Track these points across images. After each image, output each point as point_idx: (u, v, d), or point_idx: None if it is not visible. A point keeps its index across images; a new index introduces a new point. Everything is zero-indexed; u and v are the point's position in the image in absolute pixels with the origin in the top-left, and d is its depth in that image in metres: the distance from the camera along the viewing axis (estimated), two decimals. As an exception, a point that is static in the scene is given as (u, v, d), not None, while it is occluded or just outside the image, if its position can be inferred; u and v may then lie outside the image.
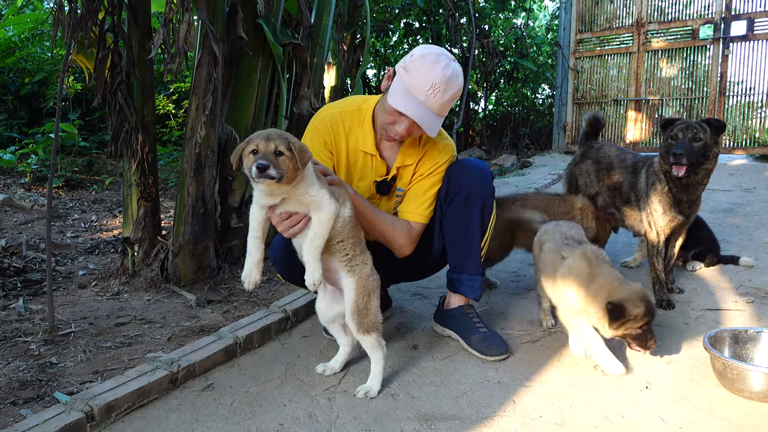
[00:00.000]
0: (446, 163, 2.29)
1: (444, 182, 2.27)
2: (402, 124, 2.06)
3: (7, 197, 5.09)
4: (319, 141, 2.22)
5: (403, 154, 2.27)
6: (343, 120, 2.24)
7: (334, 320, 2.09)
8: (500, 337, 2.31)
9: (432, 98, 2.00)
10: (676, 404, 1.87)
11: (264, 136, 1.76)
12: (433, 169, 2.27)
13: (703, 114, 8.66)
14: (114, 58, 3.12)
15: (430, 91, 1.99)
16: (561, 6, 9.68)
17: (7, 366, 2.20)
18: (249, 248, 1.91)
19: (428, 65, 2.00)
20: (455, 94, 2.06)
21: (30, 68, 7.74)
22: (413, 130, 2.09)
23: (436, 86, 1.99)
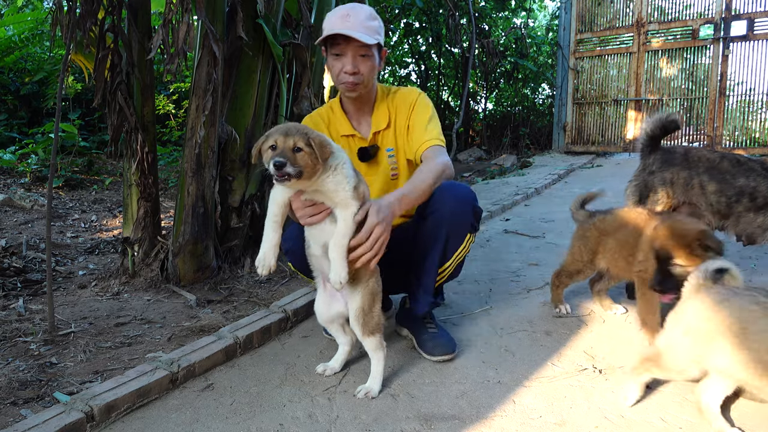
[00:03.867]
0: (418, 99, 2.35)
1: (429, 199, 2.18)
2: (346, 62, 2.16)
3: (7, 197, 5.09)
4: None
5: (375, 120, 2.36)
6: (320, 116, 2.40)
7: (333, 320, 2.09)
8: (448, 337, 2.30)
9: (349, 23, 2.12)
10: (676, 404, 1.87)
11: (283, 131, 1.74)
12: (409, 110, 2.34)
13: (703, 114, 8.66)
14: (114, 58, 3.12)
15: (343, 19, 2.13)
16: (561, 6, 9.68)
17: (7, 366, 2.20)
18: (266, 231, 1.86)
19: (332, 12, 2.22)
20: (369, 15, 2.17)
21: (30, 68, 7.75)
22: (358, 62, 2.17)
23: (345, 14, 2.14)
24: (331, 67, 2.23)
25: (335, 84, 2.27)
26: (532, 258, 3.73)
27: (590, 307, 2.79)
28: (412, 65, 12.45)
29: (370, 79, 2.25)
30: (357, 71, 2.18)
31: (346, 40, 2.13)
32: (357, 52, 2.16)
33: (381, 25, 2.24)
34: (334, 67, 2.21)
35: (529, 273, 3.41)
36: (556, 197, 6.08)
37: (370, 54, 2.19)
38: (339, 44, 2.16)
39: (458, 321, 2.65)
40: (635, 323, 2.57)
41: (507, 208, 5.45)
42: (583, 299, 2.90)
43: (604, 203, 2.94)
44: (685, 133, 9.04)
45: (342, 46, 2.15)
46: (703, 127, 8.67)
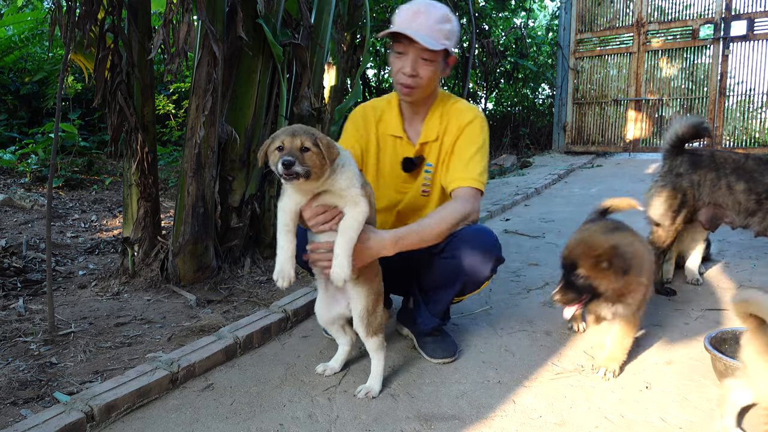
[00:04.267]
0: (472, 124, 2.19)
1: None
2: (406, 63, 2.05)
3: (7, 197, 5.09)
4: (353, 133, 2.28)
5: (426, 130, 2.23)
6: (374, 108, 2.30)
7: (334, 322, 2.09)
8: (450, 339, 2.30)
9: (416, 22, 2.01)
10: (676, 404, 1.87)
11: (289, 132, 1.72)
12: (459, 132, 2.19)
13: (703, 114, 8.66)
14: (114, 58, 3.12)
15: (412, 17, 2.03)
16: (561, 6, 9.68)
17: (7, 366, 2.20)
18: (280, 242, 1.83)
19: (406, 5, 2.11)
20: (441, 17, 2.05)
21: (30, 68, 7.74)
22: (418, 65, 2.05)
23: (417, 11, 2.03)
24: (391, 63, 2.14)
25: (394, 84, 2.17)
26: (532, 258, 3.73)
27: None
28: (412, 65, 12.42)
29: (429, 86, 2.13)
30: (415, 74, 2.07)
31: (409, 40, 2.01)
32: (419, 55, 2.04)
33: (454, 28, 2.10)
34: (394, 65, 2.11)
35: (529, 273, 3.41)
36: (556, 197, 6.08)
37: (432, 59, 2.06)
38: (402, 43, 2.04)
39: (458, 321, 2.65)
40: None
41: (507, 208, 5.45)
42: (583, 299, 2.90)
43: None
44: (685, 133, 9.03)
45: (405, 45, 2.04)
46: (703, 127, 8.66)
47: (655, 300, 2.86)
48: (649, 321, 2.59)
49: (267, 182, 3.52)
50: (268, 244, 3.52)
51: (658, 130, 9.13)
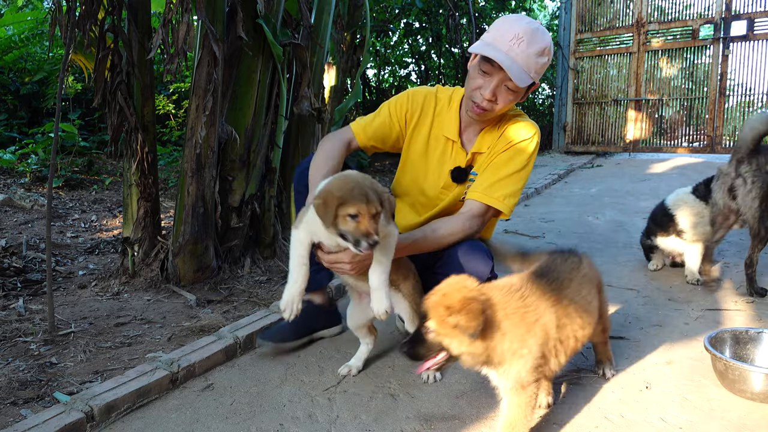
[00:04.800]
0: (525, 142, 2.09)
1: (441, 253, 2.06)
2: (487, 85, 1.95)
3: (7, 197, 5.09)
4: (404, 107, 2.20)
5: (481, 140, 2.16)
6: (437, 100, 2.20)
7: (365, 325, 2.12)
8: None
9: (516, 48, 1.88)
10: (676, 404, 1.87)
11: (363, 198, 1.59)
12: (507, 146, 2.10)
13: (703, 114, 8.66)
14: (114, 58, 3.12)
15: (513, 41, 1.88)
16: (561, 6, 9.68)
17: (7, 366, 2.20)
18: (294, 275, 1.76)
19: (510, 20, 1.96)
20: (542, 50, 1.92)
21: (30, 68, 7.74)
22: (500, 91, 1.96)
23: (519, 36, 1.88)
24: (471, 76, 2.02)
25: (466, 94, 2.07)
26: (532, 258, 3.73)
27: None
28: (412, 65, 12.45)
29: (501, 111, 2.05)
30: (494, 99, 1.97)
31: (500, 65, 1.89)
32: (504, 83, 1.94)
33: (549, 61, 1.99)
34: (473, 81, 2.00)
35: (529, 273, 3.41)
36: (556, 197, 6.08)
37: (517, 91, 1.97)
38: (491, 64, 1.92)
39: (458, 321, 2.65)
40: (634, 323, 2.57)
41: (507, 208, 5.44)
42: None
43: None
44: (685, 133, 9.04)
45: (493, 69, 1.92)
46: (703, 127, 8.67)
47: (655, 300, 2.87)
48: (649, 321, 2.59)
49: (267, 182, 3.52)
50: (268, 244, 3.52)
51: (658, 130, 9.14)
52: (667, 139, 9.16)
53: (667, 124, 9.12)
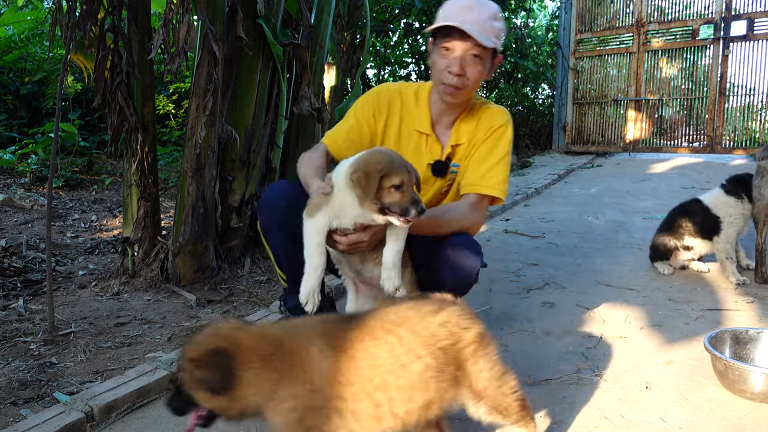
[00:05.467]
0: (503, 128, 2.12)
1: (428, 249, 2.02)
2: (453, 61, 1.92)
3: (7, 197, 5.09)
4: (369, 109, 2.16)
5: (457, 133, 2.14)
6: (402, 97, 2.17)
7: None
8: None
9: (469, 16, 1.88)
10: (676, 404, 1.87)
11: (404, 168, 1.60)
12: (488, 134, 2.11)
13: (703, 114, 8.66)
14: (114, 58, 3.12)
15: (464, 11, 1.90)
16: (561, 6, 9.68)
17: (7, 366, 2.20)
18: (313, 263, 1.71)
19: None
20: (493, 14, 1.93)
21: (30, 68, 7.74)
22: (466, 63, 1.93)
23: (469, 6, 1.91)
24: (434, 62, 2.00)
25: (435, 82, 2.05)
26: (532, 258, 3.73)
27: (590, 307, 2.79)
28: (412, 65, 12.45)
29: (475, 88, 2.02)
30: (463, 73, 1.94)
31: (461, 35, 1.87)
32: (469, 52, 1.92)
33: (504, 27, 1.99)
34: (438, 64, 1.97)
35: (529, 273, 3.41)
36: (556, 197, 6.08)
37: (482, 57, 1.94)
38: (451, 38, 1.91)
39: (458, 321, 2.65)
40: (634, 323, 2.57)
41: (507, 208, 5.45)
42: (584, 299, 2.90)
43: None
44: (685, 133, 9.04)
45: (453, 40, 1.91)
46: (703, 127, 8.67)
47: (655, 300, 2.87)
48: (649, 321, 2.59)
49: (267, 182, 3.52)
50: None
51: (658, 130, 9.14)
52: (667, 139, 9.16)
53: (667, 124, 9.12)
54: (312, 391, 1.28)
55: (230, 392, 1.26)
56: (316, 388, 1.28)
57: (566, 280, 3.24)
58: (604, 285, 3.13)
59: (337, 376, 1.29)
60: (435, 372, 1.33)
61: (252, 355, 1.28)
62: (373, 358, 1.31)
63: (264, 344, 1.31)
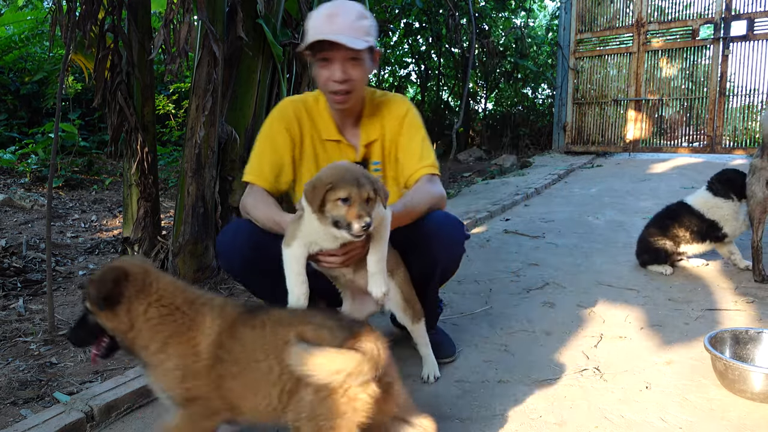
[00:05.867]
0: (408, 115, 2.16)
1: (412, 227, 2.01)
2: (334, 69, 1.95)
3: (7, 197, 5.09)
4: (282, 126, 2.14)
5: (365, 131, 2.16)
6: (305, 106, 2.17)
7: None
8: (448, 339, 2.31)
9: (335, 24, 1.91)
10: (676, 404, 1.87)
11: (354, 182, 1.57)
12: (399, 124, 2.15)
13: (703, 114, 8.66)
14: (114, 58, 3.13)
15: (329, 20, 1.92)
16: (561, 6, 9.68)
17: (7, 366, 2.20)
18: (294, 293, 1.71)
19: (315, 11, 2.00)
20: (358, 15, 1.95)
21: (30, 68, 7.75)
22: (347, 68, 1.95)
23: (330, 14, 1.93)
24: (316, 75, 2.02)
25: (323, 92, 2.08)
26: (532, 258, 3.73)
27: (590, 307, 2.79)
28: (412, 65, 12.45)
29: (361, 87, 2.05)
30: (348, 78, 1.96)
31: (332, 45, 1.90)
32: (346, 57, 1.94)
33: (372, 23, 2.01)
34: (321, 76, 2.00)
35: (529, 273, 3.41)
36: (556, 197, 6.08)
37: (360, 58, 1.96)
38: (325, 49, 1.93)
39: (458, 321, 2.65)
40: (634, 323, 2.57)
41: (507, 208, 5.45)
42: (584, 299, 2.90)
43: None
44: (685, 133, 9.04)
45: (329, 51, 1.93)
46: (703, 127, 8.67)
47: (655, 300, 2.87)
48: (649, 321, 2.59)
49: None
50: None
51: (658, 130, 9.14)
52: (667, 139, 9.15)
53: (667, 124, 9.12)
54: (195, 356, 1.37)
55: (114, 308, 1.35)
56: (200, 355, 1.37)
57: (566, 280, 3.24)
58: (604, 285, 3.13)
59: (217, 350, 1.38)
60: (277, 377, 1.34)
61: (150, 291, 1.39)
62: (244, 344, 1.38)
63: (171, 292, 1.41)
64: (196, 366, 1.38)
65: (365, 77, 2.04)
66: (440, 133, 11.03)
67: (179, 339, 1.38)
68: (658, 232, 3.33)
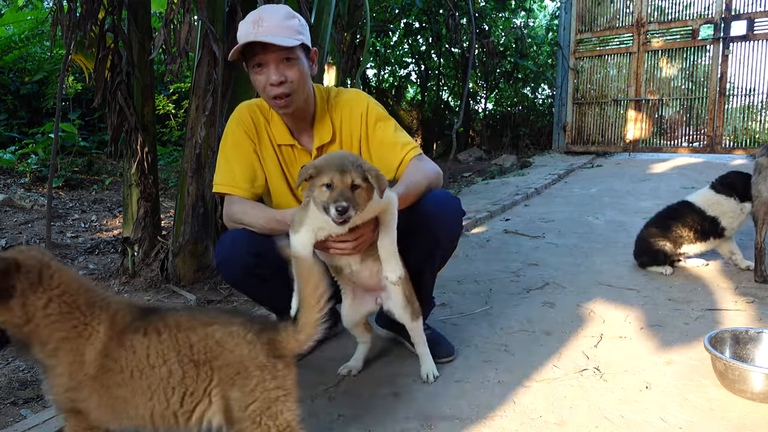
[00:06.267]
0: (369, 109, 2.11)
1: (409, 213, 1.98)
2: (270, 73, 1.92)
3: (7, 197, 5.09)
4: (241, 130, 2.12)
5: (318, 134, 2.12)
6: (263, 113, 2.14)
7: (360, 323, 2.11)
8: (445, 340, 2.30)
9: (262, 28, 1.89)
10: (676, 404, 1.87)
11: (337, 166, 1.59)
12: (362, 123, 2.11)
13: (703, 114, 8.66)
14: (114, 58, 3.13)
15: (254, 26, 1.90)
16: (561, 6, 9.68)
17: (7, 366, 2.20)
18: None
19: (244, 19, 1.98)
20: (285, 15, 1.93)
21: (30, 68, 7.75)
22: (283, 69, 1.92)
23: (256, 20, 1.91)
24: (255, 83, 1.98)
25: (265, 100, 2.04)
26: (532, 258, 3.73)
27: (590, 307, 2.79)
28: (412, 65, 12.46)
29: (303, 88, 1.98)
30: (284, 80, 1.92)
31: (263, 47, 1.87)
32: (279, 58, 1.90)
33: (302, 22, 1.97)
34: (259, 82, 1.95)
35: (529, 273, 3.41)
36: (556, 197, 6.08)
37: (294, 57, 1.93)
38: (257, 54, 1.90)
39: (458, 321, 2.65)
40: (634, 323, 2.57)
41: (507, 208, 5.45)
42: (584, 299, 2.90)
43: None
44: (685, 133, 9.04)
45: (260, 55, 1.90)
46: (703, 127, 8.67)
47: (655, 300, 2.87)
48: (649, 321, 2.59)
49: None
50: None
51: (658, 130, 9.14)
52: (667, 139, 9.15)
53: (667, 124, 9.12)
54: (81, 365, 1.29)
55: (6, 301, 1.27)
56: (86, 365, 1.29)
57: (566, 280, 3.24)
58: (604, 285, 3.13)
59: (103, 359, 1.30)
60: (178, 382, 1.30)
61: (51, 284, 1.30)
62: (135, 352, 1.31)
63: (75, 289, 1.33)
64: (80, 376, 1.30)
65: (304, 77, 1.98)
66: (440, 133, 11.04)
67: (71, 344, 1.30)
68: (659, 232, 3.33)
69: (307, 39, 1.99)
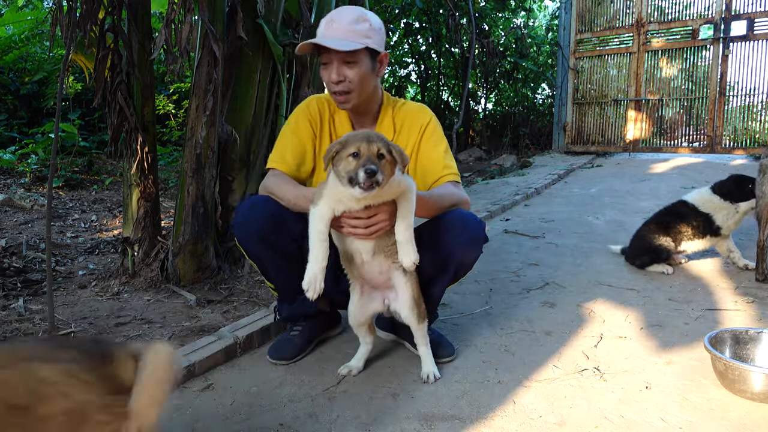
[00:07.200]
0: (431, 124, 2.22)
1: (427, 227, 2.08)
2: (331, 72, 2.05)
3: (7, 197, 5.09)
4: (305, 118, 2.23)
5: (379, 130, 2.21)
6: (330, 107, 2.27)
7: (365, 323, 2.12)
8: (446, 340, 2.30)
9: (331, 30, 2.02)
10: (676, 404, 1.87)
11: (364, 137, 1.67)
12: (419, 132, 2.21)
13: (703, 114, 8.66)
14: (114, 58, 3.12)
15: (327, 26, 2.04)
16: (561, 6, 9.68)
17: None
18: (315, 252, 1.77)
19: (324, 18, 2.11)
20: (355, 18, 2.03)
21: (30, 68, 7.75)
22: (343, 70, 2.04)
23: (329, 20, 2.05)
24: (321, 74, 2.13)
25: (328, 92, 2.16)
26: (532, 258, 3.73)
27: (590, 307, 2.79)
28: (412, 65, 12.46)
29: (363, 87, 2.09)
30: (343, 79, 2.04)
31: (328, 48, 2.01)
32: (341, 59, 2.03)
33: (373, 26, 2.07)
34: (324, 77, 2.11)
35: (529, 273, 3.41)
36: (556, 197, 6.08)
37: (354, 60, 2.03)
38: (323, 53, 2.06)
39: (458, 321, 2.65)
40: (634, 323, 2.58)
41: (507, 208, 5.45)
42: (584, 299, 2.90)
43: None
44: (685, 133, 9.04)
45: (325, 54, 2.05)
46: (703, 127, 8.67)
47: (655, 300, 2.87)
48: (649, 321, 2.59)
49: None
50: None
51: (658, 130, 9.14)
52: (667, 139, 9.15)
53: (667, 124, 9.12)
54: None
55: None
56: None
57: (566, 280, 3.24)
58: (604, 285, 3.13)
59: None
60: None
61: None
62: None
63: None
64: None
65: (366, 78, 2.08)
66: (440, 133, 11.01)
67: None
68: (658, 228, 3.35)
69: (375, 42, 2.06)
